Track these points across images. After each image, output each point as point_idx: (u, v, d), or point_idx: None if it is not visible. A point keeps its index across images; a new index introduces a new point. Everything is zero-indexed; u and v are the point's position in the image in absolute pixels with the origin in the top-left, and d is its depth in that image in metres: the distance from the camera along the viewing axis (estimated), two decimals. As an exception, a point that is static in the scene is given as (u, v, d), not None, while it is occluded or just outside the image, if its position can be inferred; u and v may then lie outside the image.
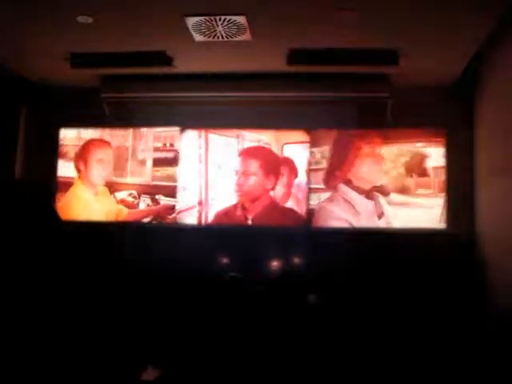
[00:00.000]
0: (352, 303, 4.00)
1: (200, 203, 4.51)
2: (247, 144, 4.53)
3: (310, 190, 4.43)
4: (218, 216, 4.48)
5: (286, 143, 4.50)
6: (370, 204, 4.32)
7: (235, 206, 4.47)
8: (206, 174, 4.53)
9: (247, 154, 4.52)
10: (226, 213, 4.47)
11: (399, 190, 4.32)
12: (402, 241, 4.24)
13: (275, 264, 4.41)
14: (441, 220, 4.25)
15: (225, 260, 4.44)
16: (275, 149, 4.50)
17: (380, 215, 4.32)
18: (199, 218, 4.50)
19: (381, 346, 3.66)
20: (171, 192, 4.56)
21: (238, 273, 3.74)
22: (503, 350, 3.34)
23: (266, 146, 4.51)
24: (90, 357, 1.19)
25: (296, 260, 4.45)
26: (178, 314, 3.67)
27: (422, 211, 4.28)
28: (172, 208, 4.54)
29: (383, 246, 4.28)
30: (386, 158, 4.36)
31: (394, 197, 4.32)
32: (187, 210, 4.52)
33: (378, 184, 4.34)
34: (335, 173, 4.40)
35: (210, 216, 4.49)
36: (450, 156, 4.31)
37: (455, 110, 4.43)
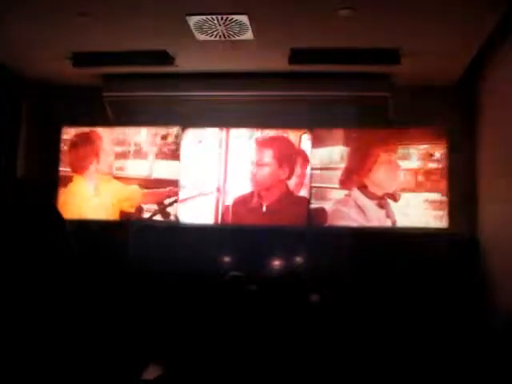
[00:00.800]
0: (353, 303, 4.00)
1: (218, 190, 4.54)
2: (267, 132, 4.56)
3: (318, 189, 4.45)
4: (236, 202, 4.53)
5: (305, 132, 4.54)
6: (381, 213, 4.34)
7: (252, 194, 4.52)
8: (226, 160, 4.57)
9: (262, 143, 4.56)
10: (243, 200, 4.52)
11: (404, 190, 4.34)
12: (404, 240, 4.24)
13: (277, 263, 4.41)
14: (443, 219, 4.25)
15: (226, 259, 4.45)
16: (293, 138, 4.54)
17: (393, 223, 4.33)
18: (217, 203, 4.54)
19: (382, 345, 3.66)
20: (173, 186, 4.57)
21: (240, 272, 3.74)
22: (504, 349, 3.34)
23: (284, 134, 4.54)
24: (91, 356, 1.19)
25: (298, 259, 4.45)
26: (180, 313, 3.67)
27: (424, 209, 4.28)
28: (166, 207, 4.56)
29: (385, 245, 4.28)
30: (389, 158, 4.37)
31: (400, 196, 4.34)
32: (203, 195, 4.55)
33: (390, 191, 4.35)
34: (352, 176, 4.42)
35: (228, 202, 4.54)
36: (451, 156, 4.31)
37: (457, 109, 4.43)
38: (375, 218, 4.36)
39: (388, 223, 4.34)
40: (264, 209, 4.50)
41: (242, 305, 3.37)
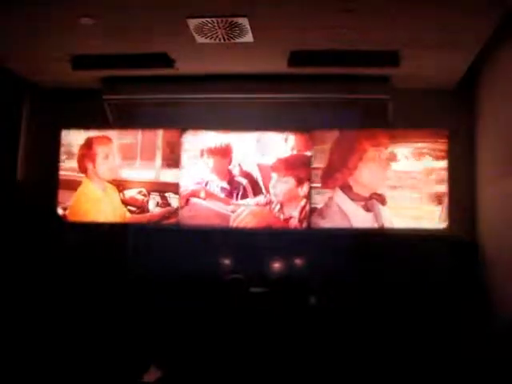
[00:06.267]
0: (352, 305, 3.99)
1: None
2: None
3: (311, 189, 4.44)
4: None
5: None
6: (368, 216, 4.30)
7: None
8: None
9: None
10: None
11: (399, 189, 4.33)
12: (403, 242, 4.24)
13: (277, 265, 4.41)
14: (441, 221, 4.25)
15: (226, 261, 4.45)
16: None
17: (381, 227, 4.30)
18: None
19: (381, 347, 3.66)
20: (175, 188, 4.57)
21: (241, 274, 3.74)
22: (504, 350, 3.34)
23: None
24: (93, 358, 1.19)
25: (297, 261, 4.45)
26: (180, 316, 3.67)
27: (423, 211, 4.29)
28: (175, 210, 4.54)
29: (384, 247, 4.28)
30: (387, 159, 4.36)
31: (394, 197, 4.32)
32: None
33: (378, 191, 4.32)
34: (335, 174, 4.39)
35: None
36: (451, 157, 4.31)
37: (457, 110, 4.44)
38: (360, 222, 4.31)
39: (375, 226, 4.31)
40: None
41: (242, 306, 3.38)
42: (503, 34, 3.50)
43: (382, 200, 4.30)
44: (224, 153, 4.59)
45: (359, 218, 4.32)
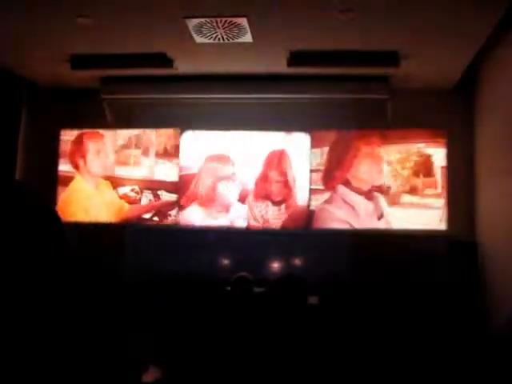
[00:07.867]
0: (353, 305, 3.99)
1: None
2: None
3: (310, 191, 4.44)
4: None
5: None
6: (369, 205, 4.33)
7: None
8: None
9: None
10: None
11: (403, 190, 4.33)
12: (403, 242, 4.24)
13: (277, 265, 4.41)
14: (441, 221, 4.25)
15: (226, 261, 4.44)
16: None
17: (380, 216, 4.32)
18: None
19: (382, 347, 3.66)
20: (173, 187, 4.56)
21: (246, 273, 3.74)
22: (504, 351, 3.34)
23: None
24: (90, 358, 1.18)
25: (298, 261, 4.45)
26: (180, 315, 3.66)
27: (423, 212, 4.28)
28: (173, 204, 4.55)
29: (384, 247, 4.28)
30: (387, 159, 4.36)
31: (398, 198, 4.32)
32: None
33: (377, 184, 4.35)
34: (334, 173, 4.40)
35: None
36: (450, 157, 4.31)
37: (456, 110, 4.44)
38: (364, 210, 4.34)
39: (375, 218, 4.33)
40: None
41: (244, 307, 3.38)
42: (502, 33, 3.50)
43: (381, 191, 4.33)
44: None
45: (362, 207, 4.35)
